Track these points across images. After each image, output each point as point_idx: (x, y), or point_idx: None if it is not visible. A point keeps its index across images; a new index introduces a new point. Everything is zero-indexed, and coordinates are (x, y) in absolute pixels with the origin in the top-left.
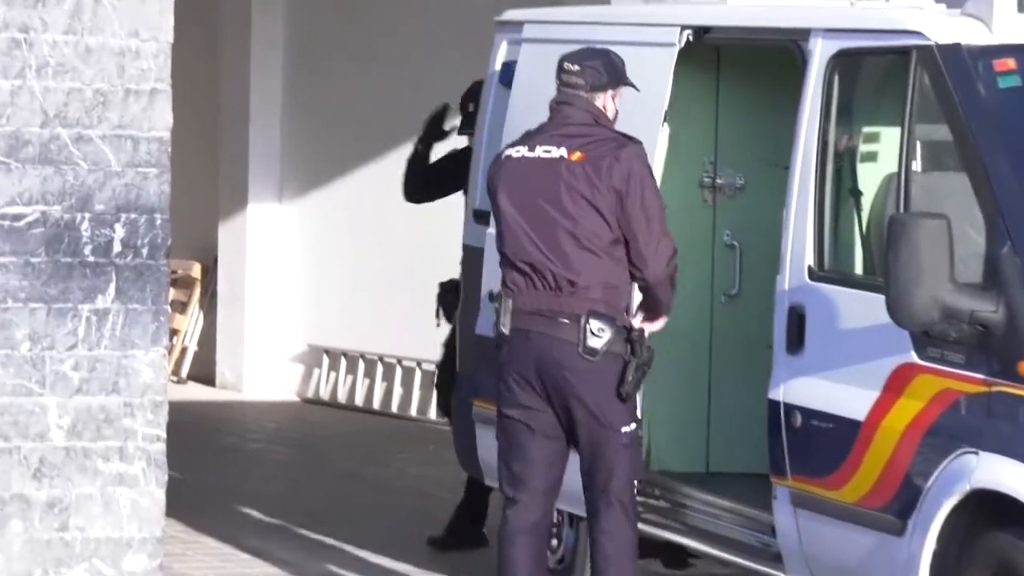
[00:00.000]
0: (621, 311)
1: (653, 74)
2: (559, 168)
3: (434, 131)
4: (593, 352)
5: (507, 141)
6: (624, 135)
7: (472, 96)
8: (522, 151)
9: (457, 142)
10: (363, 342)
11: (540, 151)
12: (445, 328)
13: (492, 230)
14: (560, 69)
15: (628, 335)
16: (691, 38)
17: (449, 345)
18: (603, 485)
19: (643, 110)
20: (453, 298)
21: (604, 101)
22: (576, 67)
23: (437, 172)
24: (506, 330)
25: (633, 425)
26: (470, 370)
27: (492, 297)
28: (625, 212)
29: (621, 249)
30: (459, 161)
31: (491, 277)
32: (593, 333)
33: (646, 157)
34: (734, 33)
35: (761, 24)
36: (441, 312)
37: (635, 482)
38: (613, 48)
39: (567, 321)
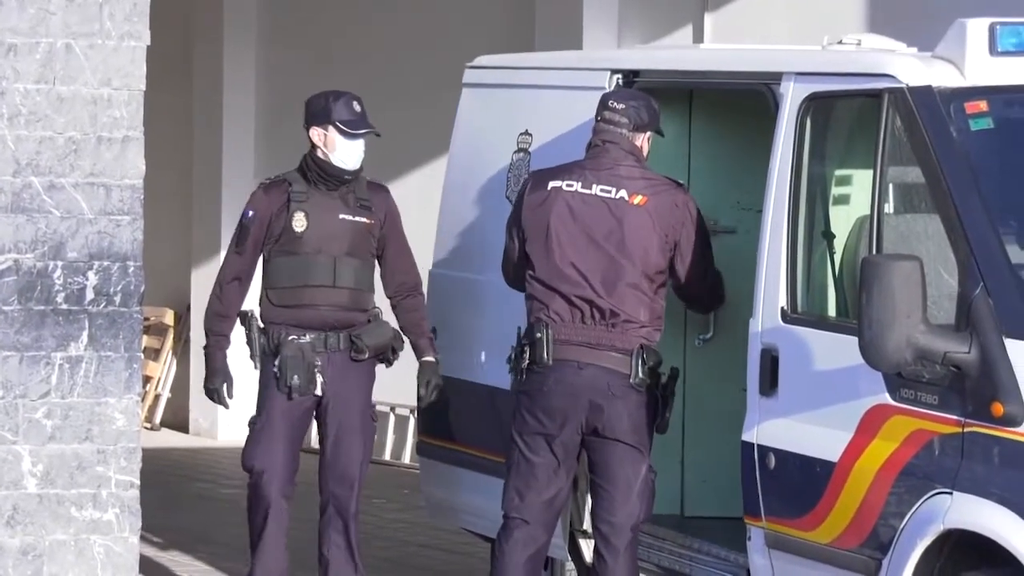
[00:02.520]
0: (657, 345)
1: (584, 116)
2: (621, 209)
3: None
4: (643, 384)
5: (451, 183)
6: (671, 179)
7: None
8: (575, 186)
9: None
10: None
11: (598, 190)
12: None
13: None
14: (603, 106)
15: (671, 371)
16: (621, 82)
17: None
18: (618, 523)
19: (577, 151)
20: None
21: (642, 142)
22: (621, 105)
23: None
24: (549, 360)
25: (648, 462)
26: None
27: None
28: (681, 253)
29: (665, 288)
30: None
31: (432, 314)
32: (646, 366)
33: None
34: (682, 77)
35: (725, 68)
36: None
37: (640, 525)
38: (547, 91)
39: (618, 355)
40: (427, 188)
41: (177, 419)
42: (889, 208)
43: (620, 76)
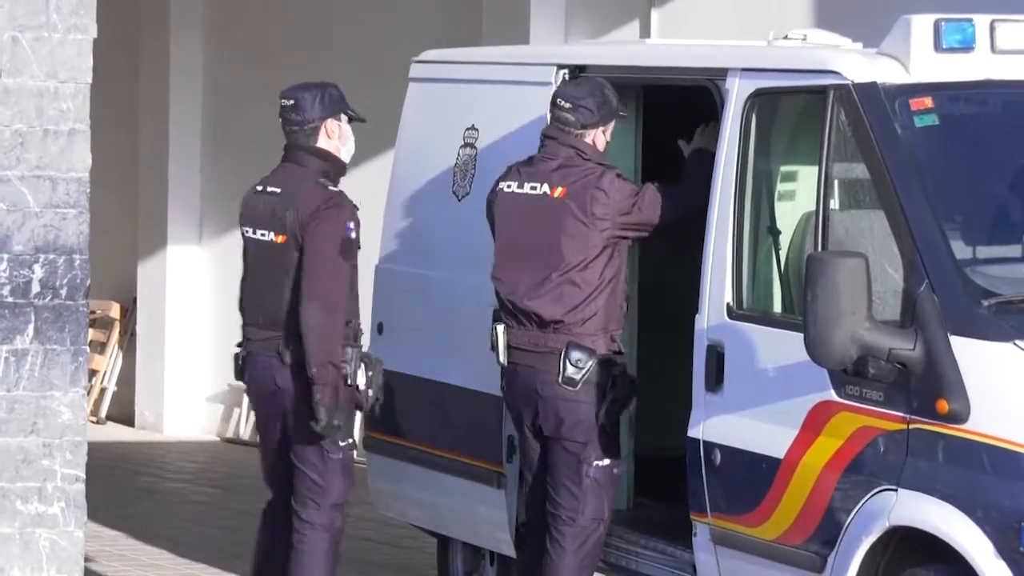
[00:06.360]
0: (604, 343)
1: (531, 111)
2: (544, 205)
3: None
4: (572, 382)
5: (398, 178)
6: (603, 164)
7: None
8: (512, 186)
9: None
10: None
11: (528, 187)
12: None
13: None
14: (553, 103)
15: (610, 367)
16: (567, 76)
17: None
18: (562, 520)
19: (524, 147)
20: None
21: (594, 137)
22: (568, 105)
23: None
24: (504, 363)
25: (609, 461)
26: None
27: (380, 330)
28: (633, 228)
29: (610, 282)
30: None
31: (378, 309)
32: (573, 365)
33: (622, 177)
34: (628, 73)
35: (670, 64)
36: None
37: (599, 527)
38: (494, 86)
39: (548, 355)
40: (374, 183)
41: (123, 413)
42: (834, 204)
43: (567, 71)
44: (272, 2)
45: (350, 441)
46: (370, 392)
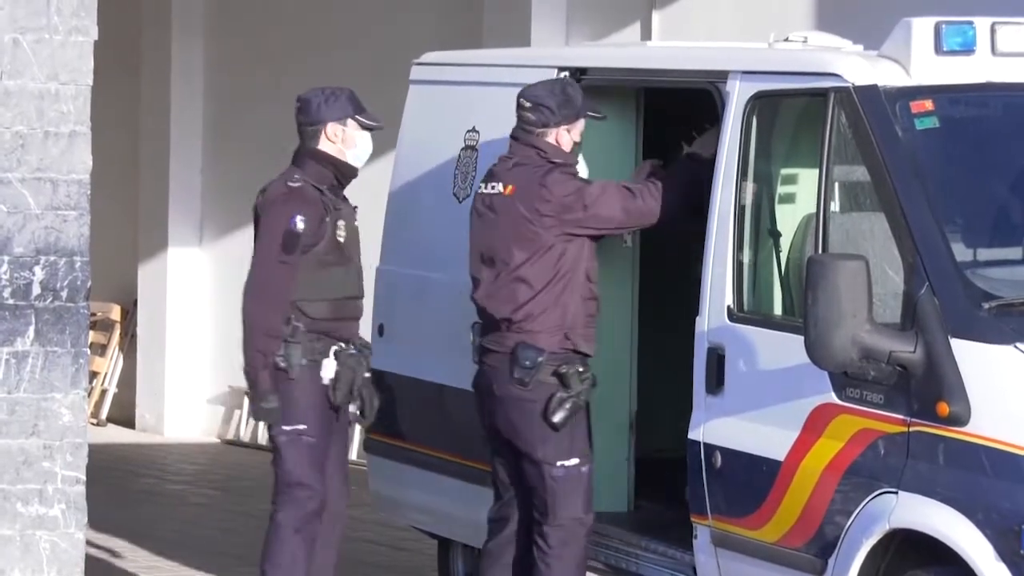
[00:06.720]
0: (558, 342)
1: None
2: (498, 203)
3: None
4: (521, 382)
5: (399, 180)
6: (555, 161)
7: None
8: (483, 187)
9: None
10: None
11: (489, 187)
12: None
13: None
14: (517, 103)
15: (558, 367)
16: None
17: None
18: (538, 522)
19: None
20: None
21: (556, 136)
22: (529, 104)
23: None
24: (476, 362)
25: (574, 461)
26: None
27: (380, 331)
28: (579, 226)
29: (564, 280)
30: None
31: (378, 311)
32: (520, 365)
33: (569, 174)
34: (629, 75)
35: (671, 67)
36: None
37: (578, 526)
38: (495, 88)
39: (501, 355)
40: (375, 185)
41: (123, 415)
42: (835, 207)
43: (567, 74)
44: (273, 4)
45: (299, 427)
46: (342, 390)
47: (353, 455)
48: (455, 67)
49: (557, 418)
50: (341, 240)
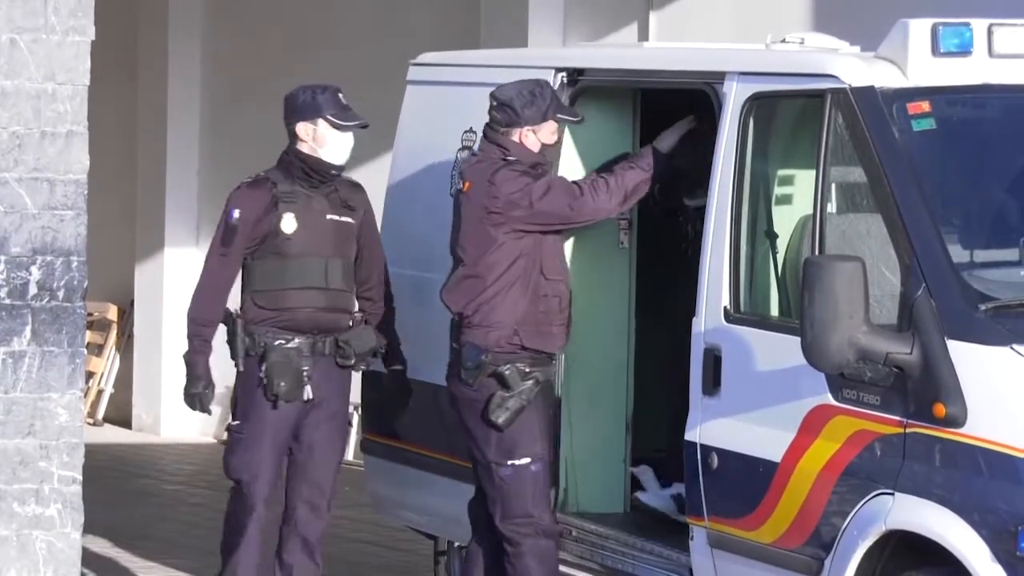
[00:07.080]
0: (505, 339)
1: None
2: (460, 200)
3: None
4: (466, 382)
5: (396, 181)
6: (507, 159)
7: None
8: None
9: None
10: None
11: (457, 184)
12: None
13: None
14: (489, 104)
15: (498, 367)
16: (564, 80)
17: None
18: (494, 519)
19: None
20: None
21: (520, 136)
22: (495, 103)
23: None
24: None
25: (524, 460)
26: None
27: None
28: (528, 222)
29: (512, 275)
30: None
31: None
32: (463, 366)
33: (517, 171)
34: (626, 76)
35: (668, 67)
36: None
37: (531, 527)
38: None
39: (456, 350)
40: (372, 184)
41: (120, 415)
42: (832, 208)
43: (564, 74)
44: (271, 4)
45: (233, 422)
46: (275, 382)
47: (350, 456)
48: (452, 68)
49: (497, 418)
50: (288, 232)
